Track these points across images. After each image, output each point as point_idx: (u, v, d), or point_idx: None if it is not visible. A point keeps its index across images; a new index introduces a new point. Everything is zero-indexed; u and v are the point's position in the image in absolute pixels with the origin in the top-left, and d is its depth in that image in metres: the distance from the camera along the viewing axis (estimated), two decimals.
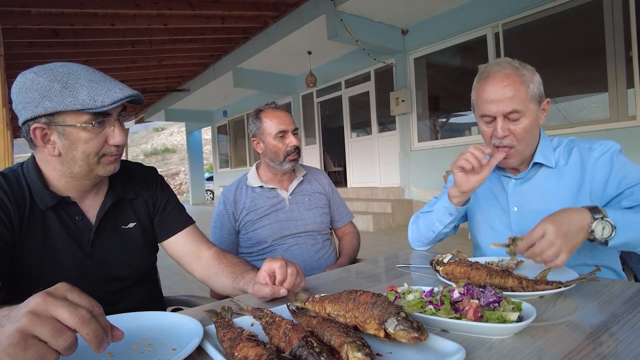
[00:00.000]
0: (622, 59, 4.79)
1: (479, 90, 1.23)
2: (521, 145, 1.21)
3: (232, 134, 13.67)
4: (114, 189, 1.12)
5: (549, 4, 5.30)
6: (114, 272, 1.09)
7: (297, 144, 1.71)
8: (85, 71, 0.93)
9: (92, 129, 0.93)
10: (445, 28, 6.50)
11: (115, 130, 0.97)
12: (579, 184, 1.23)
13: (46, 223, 1.01)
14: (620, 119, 4.87)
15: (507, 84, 1.16)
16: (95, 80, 0.92)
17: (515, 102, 1.16)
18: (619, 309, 0.79)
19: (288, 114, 1.78)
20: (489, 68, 1.22)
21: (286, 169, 1.74)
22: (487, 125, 1.24)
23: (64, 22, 6.15)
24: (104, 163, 1.00)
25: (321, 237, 1.78)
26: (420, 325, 0.62)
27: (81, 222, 1.05)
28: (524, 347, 0.65)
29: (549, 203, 1.25)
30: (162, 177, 1.29)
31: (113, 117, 0.96)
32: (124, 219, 1.14)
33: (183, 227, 1.23)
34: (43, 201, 0.99)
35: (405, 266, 1.27)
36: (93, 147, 0.95)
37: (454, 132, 7.52)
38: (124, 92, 0.93)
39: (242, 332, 0.67)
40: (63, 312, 0.53)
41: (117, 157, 1.02)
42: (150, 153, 38.16)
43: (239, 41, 8.15)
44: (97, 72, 0.96)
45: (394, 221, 6.97)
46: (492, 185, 1.40)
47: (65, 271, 1.01)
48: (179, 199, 1.30)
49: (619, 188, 1.17)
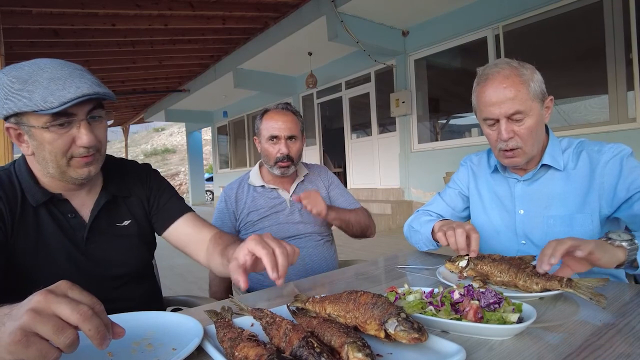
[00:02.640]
0: (622, 61, 4.79)
1: (479, 94, 1.21)
2: (527, 145, 1.19)
3: (232, 134, 13.67)
4: (107, 186, 1.10)
5: (550, 6, 5.31)
6: (109, 270, 1.08)
7: (286, 152, 1.65)
8: (51, 68, 0.88)
9: (55, 130, 0.89)
10: (446, 30, 6.51)
11: (82, 131, 0.91)
12: (588, 188, 1.20)
13: (38, 220, 1.00)
14: (620, 121, 4.87)
15: (507, 85, 1.15)
16: (57, 78, 0.87)
17: (517, 103, 1.14)
18: (619, 311, 0.79)
19: (292, 118, 1.70)
20: (488, 70, 1.21)
21: (276, 174, 1.71)
22: (491, 128, 1.22)
23: (65, 22, 6.15)
24: (74, 166, 0.95)
25: (322, 239, 1.77)
26: (420, 326, 0.62)
27: (74, 219, 1.04)
28: (524, 348, 0.65)
29: (556, 207, 1.23)
30: (156, 171, 1.26)
31: (79, 116, 0.91)
32: (118, 216, 1.12)
33: (180, 215, 1.19)
34: (34, 198, 0.99)
35: (405, 267, 1.27)
36: (58, 148, 0.91)
37: (454, 134, 7.53)
38: (80, 90, 0.86)
39: (242, 332, 0.67)
40: (64, 308, 0.53)
41: (91, 160, 0.96)
42: (150, 153, 38.15)
43: (239, 42, 8.15)
44: (67, 68, 0.90)
45: (394, 222, 6.97)
46: (498, 186, 1.37)
47: (60, 269, 1.00)
48: (176, 191, 1.27)
49: (628, 192, 1.13)
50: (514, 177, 1.32)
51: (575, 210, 1.21)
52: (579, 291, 0.82)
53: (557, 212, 1.24)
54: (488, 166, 1.42)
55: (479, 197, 1.43)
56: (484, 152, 1.47)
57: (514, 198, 1.32)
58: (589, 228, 1.19)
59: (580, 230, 1.20)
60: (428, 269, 1.21)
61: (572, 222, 1.21)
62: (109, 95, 0.92)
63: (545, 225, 1.25)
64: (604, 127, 4.98)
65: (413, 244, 1.46)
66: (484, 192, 1.42)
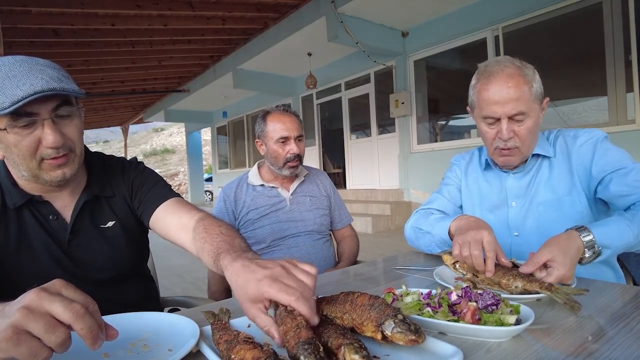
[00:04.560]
0: (622, 63, 4.80)
1: (481, 90, 1.19)
2: (525, 145, 1.20)
3: (231, 135, 13.67)
4: (90, 187, 1.06)
5: (549, 8, 5.31)
6: (95, 271, 1.05)
7: (297, 151, 1.69)
8: (8, 65, 0.82)
9: (18, 131, 0.84)
10: (446, 31, 6.52)
11: (46, 131, 0.85)
12: (569, 172, 1.23)
13: (21, 221, 0.98)
14: (619, 123, 4.87)
15: (511, 84, 1.13)
16: (12, 76, 0.81)
17: (520, 104, 1.13)
18: (617, 313, 0.79)
19: (295, 119, 1.74)
20: (491, 67, 1.18)
21: (285, 174, 1.73)
22: (490, 126, 1.21)
23: (64, 21, 6.15)
24: (46, 168, 0.90)
25: (321, 238, 1.77)
26: (417, 328, 0.61)
27: (55, 221, 1.01)
28: (522, 350, 0.65)
29: (544, 192, 1.25)
30: (139, 164, 1.19)
31: (42, 115, 0.84)
32: (102, 217, 1.08)
33: (162, 201, 1.09)
34: (12, 200, 0.96)
35: (403, 268, 1.27)
36: (25, 150, 0.86)
37: (454, 135, 7.53)
38: (33, 87, 0.79)
39: (238, 334, 0.67)
40: (57, 307, 0.53)
41: (64, 161, 0.91)
42: (150, 153, 38.15)
43: (239, 42, 8.16)
44: (26, 64, 0.84)
45: (393, 223, 6.97)
46: (489, 181, 1.38)
47: (47, 271, 0.98)
48: (162, 179, 1.18)
49: (601, 173, 1.16)
50: (506, 172, 1.33)
51: (563, 194, 1.23)
52: (556, 295, 0.82)
53: (545, 197, 1.25)
54: (479, 164, 1.43)
55: (469, 196, 1.44)
56: (475, 150, 1.49)
57: (506, 191, 1.33)
58: (579, 209, 1.21)
59: (570, 211, 1.21)
60: (426, 270, 1.21)
61: (561, 205, 1.23)
62: (69, 90, 0.84)
63: (536, 213, 1.26)
64: (603, 128, 4.93)
65: (421, 248, 1.37)
66: (474, 190, 1.42)
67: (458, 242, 1.00)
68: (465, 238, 0.98)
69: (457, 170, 1.51)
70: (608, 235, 0.97)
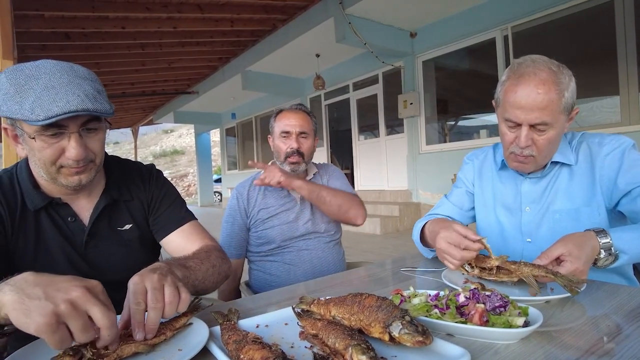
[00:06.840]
0: (634, 62, 4.73)
1: (509, 91, 1.11)
2: (541, 155, 1.14)
3: (240, 136, 13.74)
4: (109, 190, 1.08)
5: (559, 7, 5.26)
6: (110, 274, 1.05)
7: (296, 146, 1.67)
8: (49, 74, 0.84)
9: (45, 139, 0.87)
10: (454, 31, 6.48)
11: (71, 144, 0.88)
12: (591, 181, 1.17)
13: (38, 224, 0.99)
14: (631, 123, 4.80)
15: (541, 91, 1.05)
16: (51, 87, 0.82)
17: (546, 114, 1.06)
18: (627, 316, 0.78)
19: (303, 115, 1.73)
20: (524, 68, 1.10)
21: (286, 170, 1.73)
22: (510, 129, 1.15)
23: (76, 25, 6.24)
24: (65, 174, 0.93)
25: (331, 240, 1.76)
26: (425, 329, 0.62)
27: (73, 223, 1.03)
28: (530, 352, 0.65)
29: (562, 201, 1.20)
30: (160, 172, 1.22)
31: (70, 129, 0.87)
32: (119, 220, 1.10)
33: (177, 226, 1.14)
34: (32, 202, 0.98)
35: (410, 270, 1.26)
36: (47, 157, 0.89)
37: (463, 135, 7.47)
38: (69, 106, 0.82)
39: (247, 334, 0.67)
40: (97, 311, 0.59)
41: (82, 169, 0.93)
42: (159, 155, 38.47)
43: (247, 44, 8.20)
44: (67, 76, 0.86)
45: (402, 224, 6.95)
46: (504, 184, 1.34)
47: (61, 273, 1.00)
48: (179, 194, 1.23)
49: (628, 186, 1.09)
50: (522, 174, 1.28)
51: (582, 204, 1.18)
52: (559, 279, 0.86)
53: (563, 206, 1.21)
54: (494, 163, 1.38)
55: (482, 196, 1.40)
56: (490, 148, 1.43)
57: (521, 195, 1.28)
58: (597, 221, 1.16)
59: (587, 224, 1.14)
60: (434, 271, 1.21)
61: (579, 216, 1.18)
62: (100, 111, 0.86)
63: (551, 221, 1.22)
64: (615, 128, 4.91)
65: (422, 252, 1.42)
66: (488, 191, 1.38)
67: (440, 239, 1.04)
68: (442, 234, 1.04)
69: (469, 170, 1.46)
70: (627, 240, 0.95)
